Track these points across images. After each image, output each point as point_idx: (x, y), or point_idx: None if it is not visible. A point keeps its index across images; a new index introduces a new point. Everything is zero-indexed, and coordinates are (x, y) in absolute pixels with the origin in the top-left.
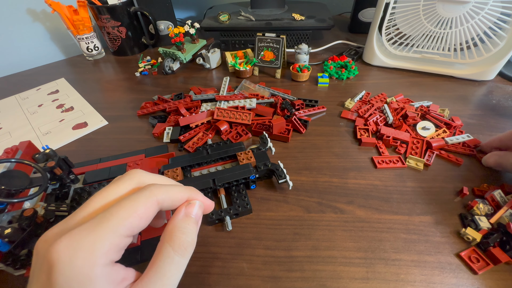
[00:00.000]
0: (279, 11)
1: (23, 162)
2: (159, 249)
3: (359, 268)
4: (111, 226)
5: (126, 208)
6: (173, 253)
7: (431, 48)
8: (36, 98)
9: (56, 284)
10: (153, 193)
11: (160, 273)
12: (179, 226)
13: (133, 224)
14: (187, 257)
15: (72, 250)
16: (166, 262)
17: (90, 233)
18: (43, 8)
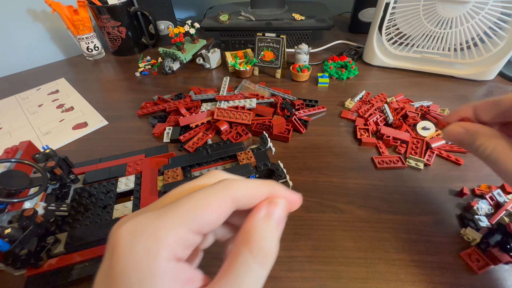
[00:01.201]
0: (279, 11)
1: (23, 162)
2: (234, 253)
3: (359, 268)
4: (178, 217)
5: (196, 200)
6: (251, 259)
7: (431, 48)
8: (36, 98)
9: (116, 270)
10: (229, 187)
11: (235, 282)
12: (258, 227)
13: (203, 219)
14: (268, 267)
15: (134, 234)
16: (242, 271)
17: (155, 220)
18: (43, 8)
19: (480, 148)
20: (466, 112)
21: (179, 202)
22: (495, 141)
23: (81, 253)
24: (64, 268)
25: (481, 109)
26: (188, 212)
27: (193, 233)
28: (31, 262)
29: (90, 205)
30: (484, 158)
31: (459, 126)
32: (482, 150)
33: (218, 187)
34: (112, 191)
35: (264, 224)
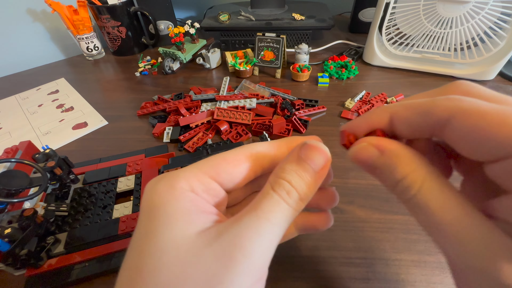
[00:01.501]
0: (279, 11)
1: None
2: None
3: (359, 268)
4: (196, 166)
5: (215, 157)
6: (272, 191)
7: (431, 48)
8: (36, 98)
9: (142, 209)
10: (247, 146)
11: (258, 209)
12: (283, 168)
13: (219, 167)
14: (292, 204)
15: (158, 179)
16: (265, 198)
17: (176, 171)
18: (43, 8)
19: (401, 184)
20: (380, 119)
21: (200, 161)
22: (423, 174)
23: (81, 253)
24: (64, 268)
25: (403, 119)
26: (206, 163)
27: (211, 179)
28: (31, 262)
29: (90, 205)
30: (406, 201)
31: (371, 145)
32: (404, 187)
33: (237, 148)
34: (112, 191)
35: (291, 164)
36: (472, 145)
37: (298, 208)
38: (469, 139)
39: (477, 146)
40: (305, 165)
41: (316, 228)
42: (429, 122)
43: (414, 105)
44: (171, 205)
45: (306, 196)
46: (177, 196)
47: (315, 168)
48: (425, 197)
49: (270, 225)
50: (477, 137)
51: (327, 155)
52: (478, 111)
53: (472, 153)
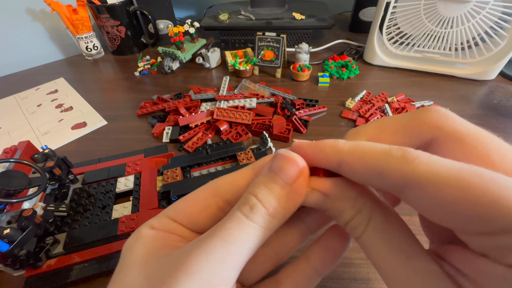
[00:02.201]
0: (279, 10)
1: (22, 162)
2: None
3: (360, 269)
4: (163, 211)
5: (182, 199)
6: (235, 208)
7: (432, 47)
8: (35, 98)
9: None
10: (210, 182)
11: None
12: (254, 182)
13: (178, 208)
14: (257, 220)
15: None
16: (228, 217)
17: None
18: (42, 7)
19: (348, 226)
20: (327, 161)
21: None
22: (367, 216)
23: (80, 253)
24: (63, 268)
25: (353, 172)
26: (170, 207)
27: (172, 220)
28: (30, 262)
29: (89, 205)
30: (356, 240)
31: (314, 190)
32: (351, 228)
33: (202, 186)
34: (111, 192)
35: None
36: (433, 216)
37: (268, 225)
38: (428, 210)
39: (440, 218)
40: (275, 176)
41: (337, 257)
42: (382, 184)
43: (366, 158)
44: (133, 248)
45: (277, 212)
46: (139, 238)
47: (287, 180)
48: (368, 240)
49: (223, 244)
50: (437, 211)
51: (299, 165)
52: (436, 182)
53: (439, 221)
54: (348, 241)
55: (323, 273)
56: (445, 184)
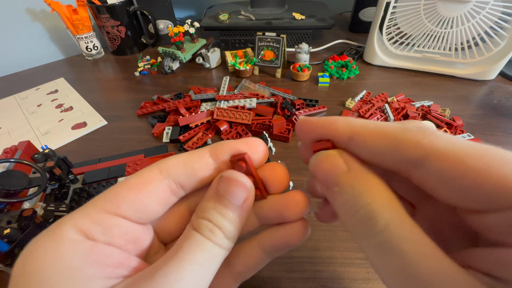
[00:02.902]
0: (279, 10)
1: (22, 162)
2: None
3: (360, 269)
4: (90, 202)
5: (117, 185)
6: (193, 231)
7: (432, 47)
8: (35, 98)
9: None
10: (157, 162)
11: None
12: (202, 207)
13: (119, 197)
14: (218, 242)
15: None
16: (186, 239)
17: (66, 216)
18: (42, 7)
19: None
20: (338, 133)
21: (98, 195)
22: (393, 206)
23: None
24: None
25: (366, 144)
26: (103, 196)
27: (111, 214)
28: None
29: None
30: (368, 236)
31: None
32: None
33: (145, 167)
34: None
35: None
36: (450, 192)
37: (227, 246)
38: (443, 183)
39: (458, 194)
40: (225, 201)
41: (289, 244)
42: (396, 157)
43: (381, 131)
44: (51, 269)
45: (232, 233)
46: (62, 253)
47: (236, 203)
48: (395, 235)
49: (196, 267)
50: (454, 183)
51: (247, 188)
52: (456, 154)
53: (451, 199)
54: (306, 234)
55: (274, 256)
56: (466, 155)
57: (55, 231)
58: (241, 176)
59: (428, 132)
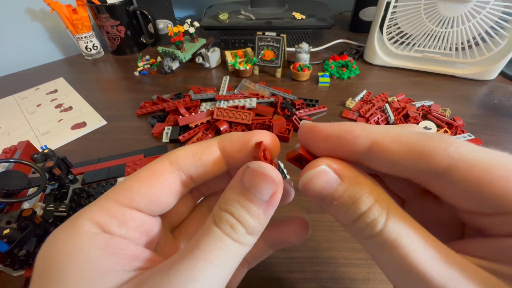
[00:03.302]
0: (279, 10)
1: (21, 162)
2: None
3: (360, 269)
4: (104, 195)
5: (128, 177)
6: (213, 225)
7: (432, 47)
8: (34, 98)
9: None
10: (166, 155)
11: (196, 248)
12: (226, 197)
13: (132, 190)
14: (239, 239)
15: (61, 226)
16: (205, 234)
17: (82, 209)
18: (42, 7)
19: (363, 219)
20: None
21: (111, 188)
22: (387, 204)
23: None
24: None
25: (388, 154)
26: (116, 189)
27: (125, 207)
28: (29, 263)
29: None
30: (368, 238)
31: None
32: (367, 223)
33: (155, 160)
34: None
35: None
36: (468, 199)
37: (248, 242)
38: (467, 192)
39: (475, 200)
40: (250, 195)
41: (290, 242)
42: (420, 167)
43: (405, 140)
44: (70, 260)
45: (256, 230)
46: (80, 245)
47: (263, 198)
48: (393, 233)
49: (212, 267)
50: (479, 192)
51: (275, 182)
52: (482, 163)
53: (469, 206)
54: (307, 234)
55: (278, 249)
56: (491, 163)
57: (73, 225)
58: (270, 169)
59: (450, 140)
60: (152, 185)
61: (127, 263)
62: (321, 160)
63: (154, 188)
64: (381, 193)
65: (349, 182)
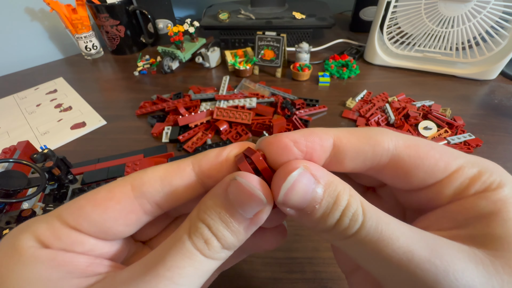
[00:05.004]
0: (279, 10)
1: (21, 162)
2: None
3: None
4: (57, 210)
5: (85, 195)
6: (185, 236)
7: (433, 47)
8: (34, 98)
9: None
10: (131, 178)
11: (161, 264)
12: (206, 205)
13: (82, 212)
14: (212, 255)
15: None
16: (175, 247)
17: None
18: (41, 7)
19: (341, 222)
20: (321, 142)
21: (67, 203)
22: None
23: None
24: None
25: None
26: (68, 206)
27: (72, 229)
28: None
29: None
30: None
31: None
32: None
33: (118, 179)
34: None
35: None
36: (408, 175)
37: (222, 257)
38: (407, 169)
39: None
40: (233, 210)
41: (265, 249)
42: (376, 152)
43: (357, 133)
44: (10, 278)
45: (233, 245)
46: (23, 262)
47: (246, 216)
48: (373, 223)
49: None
50: (414, 167)
51: (262, 202)
52: (414, 144)
53: (405, 183)
54: (281, 242)
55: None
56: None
57: (17, 239)
58: (257, 187)
59: (385, 129)
60: (106, 213)
61: (80, 272)
62: (296, 162)
63: (107, 217)
64: (350, 186)
65: (325, 180)
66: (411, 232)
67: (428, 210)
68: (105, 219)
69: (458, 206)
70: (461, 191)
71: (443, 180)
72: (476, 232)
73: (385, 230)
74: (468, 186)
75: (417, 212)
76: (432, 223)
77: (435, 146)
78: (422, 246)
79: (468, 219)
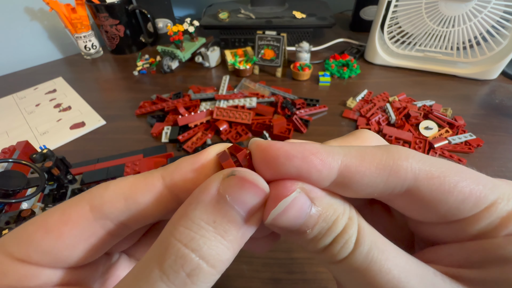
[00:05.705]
0: (279, 9)
1: (20, 162)
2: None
3: None
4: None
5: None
6: (157, 269)
7: (433, 46)
8: (33, 98)
9: None
10: (88, 196)
11: None
12: (188, 218)
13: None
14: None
15: None
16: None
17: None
18: (40, 6)
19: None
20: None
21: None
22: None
23: None
24: None
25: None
26: (14, 235)
27: (20, 263)
28: None
29: None
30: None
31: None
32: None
33: (74, 198)
34: None
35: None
36: (428, 210)
37: (213, 281)
38: (428, 204)
39: (435, 210)
40: (231, 212)
41: (255, 252)
42: (389, 183)
43: (369, 158)
44: None
45: (228, 262)
46: None
47: (246, 214)
48: (365, 250)
49: None
50: (435, 202)
51: (264, 192)
52: (439, 174)
53: (424, 217)
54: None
55: None
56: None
57: None
58: (254, 175)
59: (407, 150)
60: (60, 239)
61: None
62: (292, 184)
63: (63, 244)
64: (351, 209)
65: (323, 205)
66: (407, 265)
67: (441, 243)
68: (60, 247)
69: (477, 245)
70: (489, 232)
71: (469, 217)
72: (490, 277)
73: (377, 259)
74: (499, 227)
75: (428, 243)
76: (441, 258)
77: (466, 177)
78: (415, 284)
79: (485, 261)
